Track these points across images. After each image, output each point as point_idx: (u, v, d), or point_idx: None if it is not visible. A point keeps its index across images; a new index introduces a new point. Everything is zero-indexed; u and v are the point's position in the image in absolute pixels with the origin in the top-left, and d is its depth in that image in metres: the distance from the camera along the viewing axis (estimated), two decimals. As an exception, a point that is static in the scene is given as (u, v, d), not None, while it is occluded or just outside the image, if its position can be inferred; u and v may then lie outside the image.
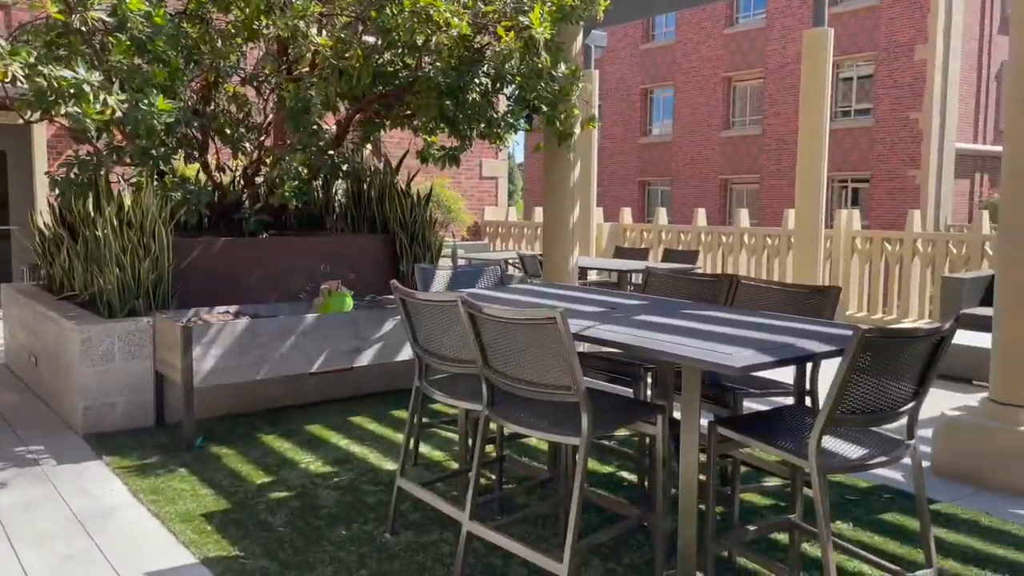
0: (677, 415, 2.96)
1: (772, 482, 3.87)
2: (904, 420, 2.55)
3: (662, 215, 11.57)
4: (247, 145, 6.41)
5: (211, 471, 4.15)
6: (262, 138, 6.61)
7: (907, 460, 2.60)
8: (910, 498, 3.83)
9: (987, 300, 7.26)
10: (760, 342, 2.64)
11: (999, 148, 22.62)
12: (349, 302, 5.39)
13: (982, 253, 8.14)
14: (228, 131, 6.22)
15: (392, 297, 5.86)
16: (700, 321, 3.10)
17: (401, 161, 6.94)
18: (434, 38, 5.15)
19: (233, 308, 5.37)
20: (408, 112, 6.13)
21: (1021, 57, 3.98)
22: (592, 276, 9.18)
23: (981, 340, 6.04)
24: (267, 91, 6.56)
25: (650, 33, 28.28)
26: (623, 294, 4.06)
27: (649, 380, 3.64)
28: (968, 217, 22.01)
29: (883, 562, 2.76)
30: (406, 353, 5.38)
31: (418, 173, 7.44)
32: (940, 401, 4.85)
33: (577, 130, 6.05)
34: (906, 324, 8.45)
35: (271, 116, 6.63)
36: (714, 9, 25.41)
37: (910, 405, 2.52)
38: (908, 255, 8.68)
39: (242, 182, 6.43)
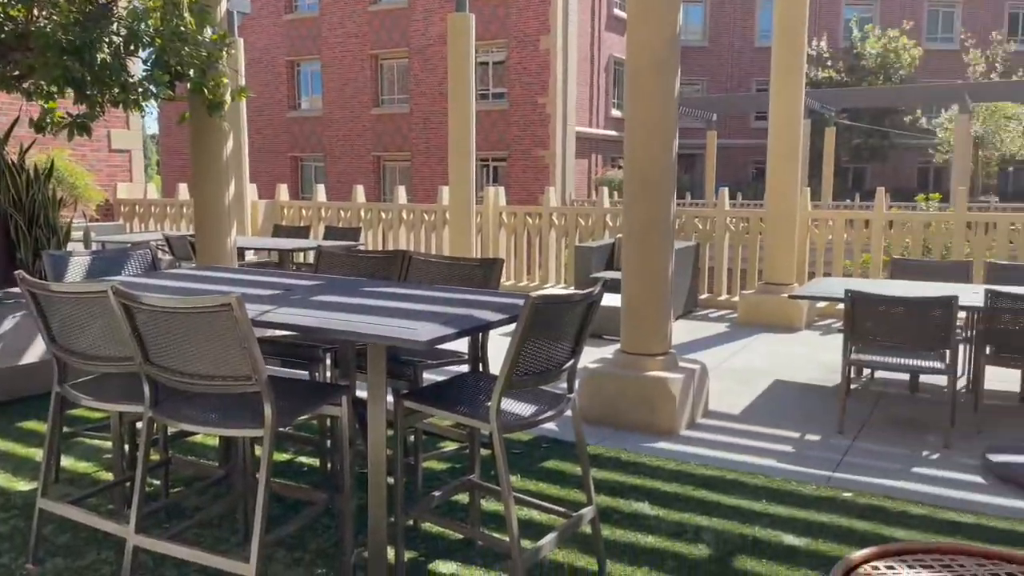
0: (360, 394, 2.95)
1: (449, 447, 4.06)
2: (565, 376, 2.84)
3: (321, 192, 11.38)
4: None
5: None
6: None
7: (568, 412, 2.89)
8: (564, 445, 4.29)
9: (610, 264, 8.35)
10: (440, 315, 2.73)
11: (611, 132, 26.11)
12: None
13: (604, 224, 9.32)
14: None
15: (12, 291, 4.97)
16: (380, 298, 3.11)
17: (10, 131, 5.89)
18: (49, -14, 4.43)
19: None
20: (17, 72, 5.20)
21: (637, 67, 4.59)
22: (250, 256, 8.73)
23: (610, 300, 6.93)
24: None
25: (293, 4, 27.44)
26: (296, 275, 3.93)
27: (328, 361, 3.58)
28: (588, 192, 25.07)
29: (548, 505, 3.06)
30: (34, 355, 4.62)
31: (33, 144, 6.39)
32: (581, 357, 5.48)
33: (228, 100, 5.66)
34: (548, 289, 9.39)
35: None
36: (358, -15, 25.44)
37: (570, 363, 2.81)
38: (546, 227, 9.62)
39: None
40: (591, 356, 5.26)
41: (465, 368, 3.53)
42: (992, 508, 3.50)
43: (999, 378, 5.43)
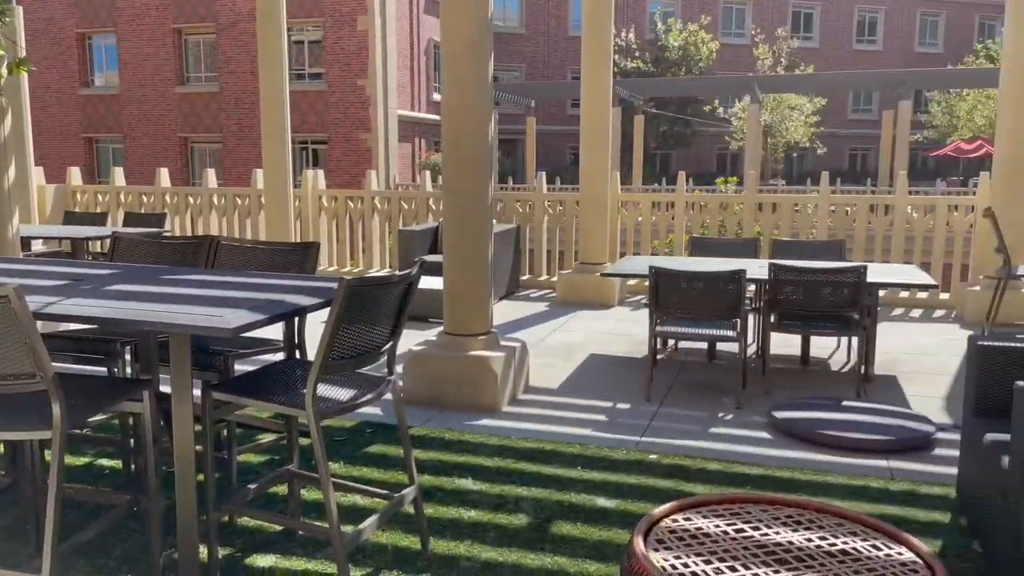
0: (165, 388, 2.78)
1: (266, 438, 3.93)
2: (384, 359, 2.83)
3: (119, 175, 10.52)
4: None
5: None
6: None
7: (389, 396, 2.89)
8: (389, 429, 4.28)
9: (435, 248, 8.39)
10: (250, 301, 2.63)
11: (434, 116, 26.06)
12: None
13: (428, 208, 9.33)
14: None
15: None
16: (183, 286, 2.95)
17: None
18: None
19: None
20: None
21: (452, 52, 4.62)
22: (38, 246, 7.94)
23: (433, 283, 6.97)
24: None
25: (82, -31, 25.07)
26: (88, 264, 3.62)
27: (128, 356, 3.34)
28: (412, 176, 24.96)
29: (372, 489, 3.05)
30: None
31: None
32: (406, 340, 5.46)
33: (4, 73, 5.10)
34: (373, 274, 9.27)
35: None
36: (157, -47, 23.65)
37: (389, 345, 2.80)
38: (368, 211, 9.48)
39: None
40: (416, 339, 5.27)
41: (281, 356, 3.42)
42: (776, 460, 3.89)
43: (784, 343, 6.03)
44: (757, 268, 5.28)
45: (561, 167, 29.57)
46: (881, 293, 7.38)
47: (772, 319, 5.11)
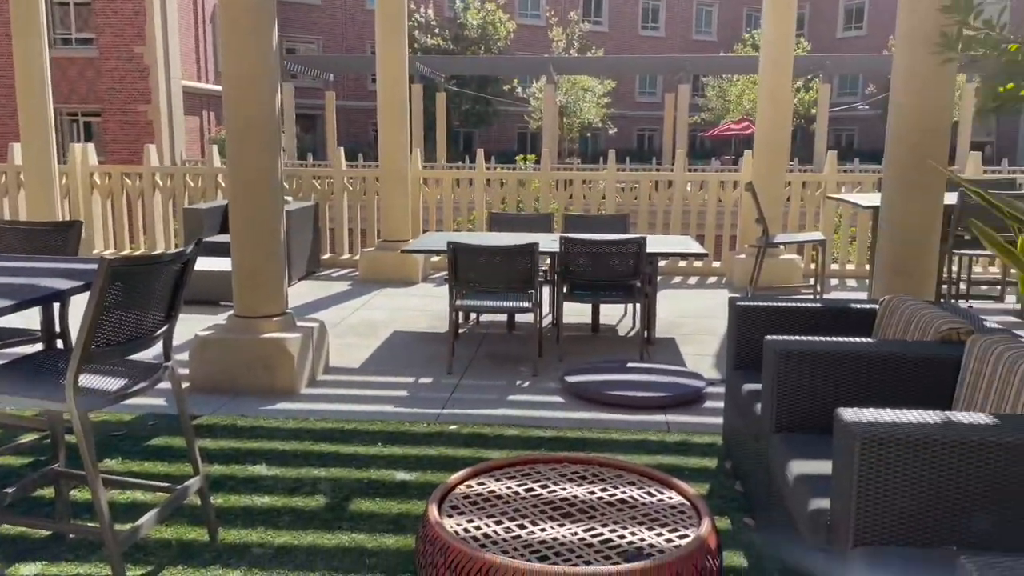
0: None
1: (28, 438, 3.56)
2: (160, 344, 2.65)
3: None
4: None
5: None
6: None
7: (168, 384, 2.71)
8: (174, 418, 4.01)
9: (225, 228, 7.94)
10: (-6, 287, 2.36)
11: (220, 87, 24.51)
12: None
13: (216, 184, 8.81)
14: None
15: None
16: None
17: None
18: None
19: None
20: None
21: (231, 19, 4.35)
22: None
23: (224, 264, 6.60)
24: None
25: None
26: None
27: None
28: (201, 152, 23.42)
29: (154, 483, 2.86)
30: None
31: None
32: (193, 325, 5.15)
33: None
34: (155, 257, 8.61)
35: None
36: None
37: (164, 329, 2.63)
38: (149, 189, 8.79)
39: None
40: (204, 323, 4.98)
41: (39, 347, 3.10)
42: (568, 422, 4.10)
43: (577, 312, 6.34)
44: (550, 242, 5.49)
45: (364, 143, 29.02)
46: (661, 263, 7.96)
47: (565, 289, 5.35)
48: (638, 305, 5.66)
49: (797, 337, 2.82)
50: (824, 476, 2.33)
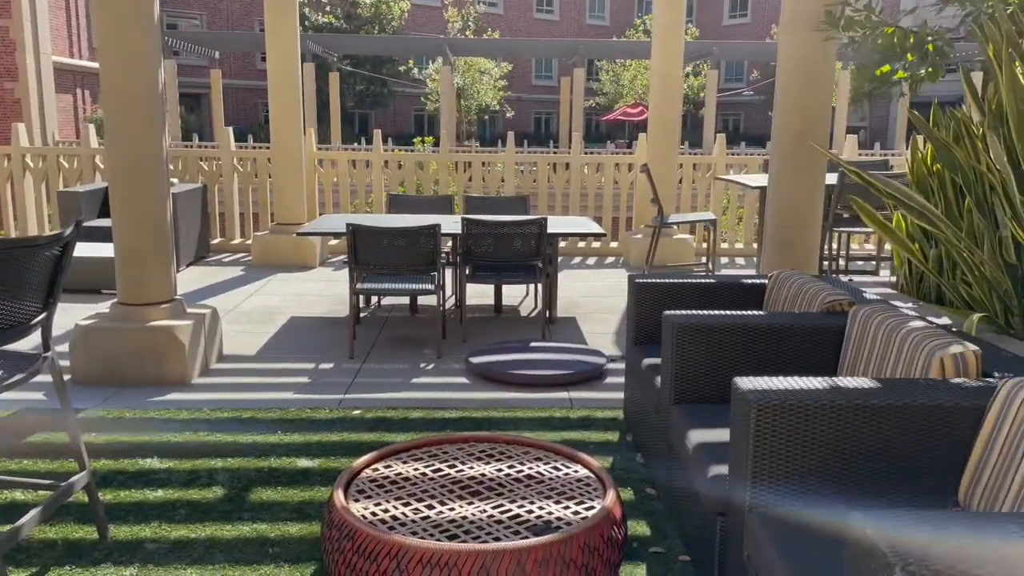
0: None
1: None
2: (38, 334, 2.48)
3: None
4: None
5: None
6: None
7: (48, 376, 2.54)
8: (57, 413, 3.79)
9: (105, 211, 7.50)
10: None
11: (96, 64, 23.06)
12: None
13: (94, 166, 8.30)
14: None
15: None
16: None
17: None
18: None
19: None
20: None
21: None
22: None
23: (106, 250, 6.24)
24: None
25: None
26: None
27: None
28: (76, 132, 22.01)
29: (35, 481, 2.68)
30: None
31: None
32: (75, 314, 4.86)
33: None
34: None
35: None
36: None
37: (41, 317, 2.46)
38: (19, 171, 8.20)
39: None
40: (86, 312, 4.69)
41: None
42: (473, 402, 4.10)
43: (479, 294, 6.34)
44: (452, 223, 5.46)
45: (254, 124, 28.01)
46: (561, 244, 8.07)
47: (467, 271, 5.34)
48: (540, 285, 5.72)
49: (693, 312, 2.91)
50: (722, 444, 2.42)
